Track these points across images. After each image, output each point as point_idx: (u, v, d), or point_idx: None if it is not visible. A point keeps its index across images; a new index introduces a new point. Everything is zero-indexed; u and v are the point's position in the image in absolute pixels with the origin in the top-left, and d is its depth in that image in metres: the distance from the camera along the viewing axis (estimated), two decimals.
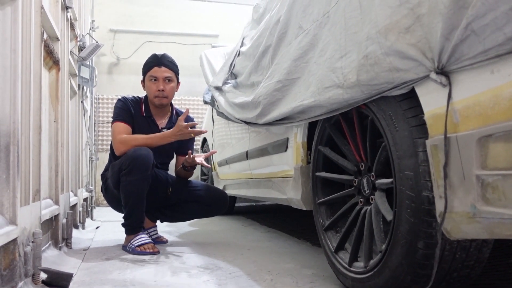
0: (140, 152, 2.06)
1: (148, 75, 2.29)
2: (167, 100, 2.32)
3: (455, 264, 1.03)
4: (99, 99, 5.32)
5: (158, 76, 2.27)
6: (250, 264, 1.78)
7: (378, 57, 1.02)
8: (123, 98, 2.32)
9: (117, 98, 2.35)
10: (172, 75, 2.31)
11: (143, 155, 2.05)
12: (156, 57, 2.31)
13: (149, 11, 5.64)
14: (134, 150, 2.08)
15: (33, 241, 1.36)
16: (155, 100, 2.29)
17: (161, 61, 2.29)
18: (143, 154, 2.05)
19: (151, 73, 2.28)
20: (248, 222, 3.34)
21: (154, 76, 2.27)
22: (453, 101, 0.87)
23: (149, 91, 2.30)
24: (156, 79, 2.27)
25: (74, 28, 2.71)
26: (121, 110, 2.26)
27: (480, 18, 0.75)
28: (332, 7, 1.32)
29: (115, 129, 2.21)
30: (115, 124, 2.23)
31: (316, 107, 1.37)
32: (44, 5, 1.66)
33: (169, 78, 2.29)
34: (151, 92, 2.29)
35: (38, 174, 1.55)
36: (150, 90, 2.29)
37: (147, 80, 2.30)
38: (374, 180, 1.26)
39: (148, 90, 2.30)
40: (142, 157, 2.05)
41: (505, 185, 0.77)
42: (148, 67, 2.30)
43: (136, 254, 2.02)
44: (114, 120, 2.25)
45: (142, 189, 2.08)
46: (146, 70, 2.32)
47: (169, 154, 2.47)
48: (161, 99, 2.28)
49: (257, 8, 2.54)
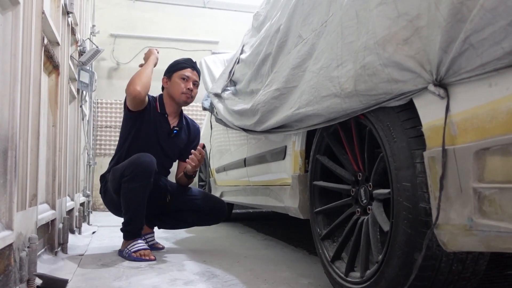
0: (144, 159, 2.06)
1: (179, 73, 2.39)
2: (191, 100, 2.42)
3: (451, 276, 1.03)
4: (99, 103, 5.33)
5: (190, 77, 2.40)
6: (247, 272, 1.77)
7: (376, 67, 1.03)
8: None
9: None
10: (198, 82, 2.47)
11: (146, 162, 2.05)
12: (191, 61, 2.47)
13: (149, 17, 5.66)
14: (137, 157, 2.08)
15: (29, 247, 1.35)
16: (181, 96, 2.37)
17: (195, 66, 2.46)
18: (146, 161, 2.05)
19: (184, 72, 2.39)
20: (245, 229, 3.33)
21: (187, 76, 2.39)
22: (451, 113, 0.87)
23: (177, 87, 2.37)
24: (187, 79, 2.38)
25: (74, 33, 2.72)
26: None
27: (478, 32, 0.76)
28: (330, 16, 1.33)
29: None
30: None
31: (314, 116, 1.37)
32: (46, 10, 1.66)
33: (196, 83, 2.44)
34: (179, 89, 2.36)
35: (35, 179, 1.55)
36: (178, 86, 2.37)
37: (177, 78, 2.38)
38: (371, 190, 1.26)
39: (176, 86, 2.37)
40: (145, 164, 2.05)
41: (502, 198, 0.77)
42: (180, 66, 2.41)
43: (132, 260, 2.01)
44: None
45: (143, 196, 2.07)
46: (177, 69, 2.41)
47: (171, 160, 2.49)
48: (187, 97, 2.37)
49: (258, 16, 2.55)
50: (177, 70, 2.39)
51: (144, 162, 2.05)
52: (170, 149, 2.32)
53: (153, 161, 2.08)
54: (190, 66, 2.41)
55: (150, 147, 2.27)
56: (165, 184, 2.38)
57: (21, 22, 1.28)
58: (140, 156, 2.08)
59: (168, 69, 2.44)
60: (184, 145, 2.46)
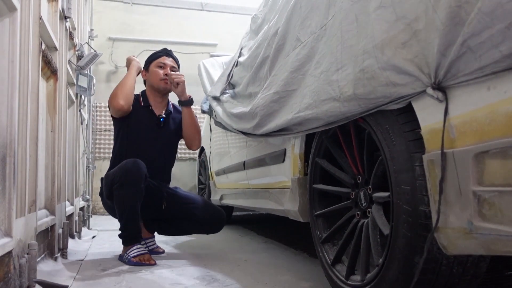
0: (132, 165, 2.05)
1: (155, 62, 2.41)
2: (170, 86, 2.39)
3: (452, 279, 1.03)
4: (97, 107, 5.32)
5: (166, 63, 2.41)
6: (247, 276, 1.77)
7: (375, 71, 1.03)
8: None
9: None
10: (177, 68, 2.47)
11: (135, 168, 2.04)
12: (166, 49, 2.49)
13: (147, 20, 5.66)
14: (125, 162, 2.08)
15: (28, 253, 1.35)
16: (160, 83, 2.37)
17: (170, 53, 2.47)
18: (134, 168, 2.05)
19: (159, 60, 2.41)
20: (245, 232, 3.33)
21: (163, 63, 2.41)
22: (450, 116, 0.87)
23: (154, 76, 2.38)
24: (164, 66, 2.40)
25: (72, 37, 2.72)
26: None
27: (476, 36, 0.76)
28: (329, 20, 1.33)
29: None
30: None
31: (313, 120, 1.37)
32: (43, 16, 1.66)
33: (174, 69, 2.44)
34: (157, 77, 2.38)
35: (34, 185, 1.55)
36: (156, 74, 2.38)
37: (154, 67, 2.40)
38: (371, 193, 1.26)
39: (154, 75, 2.39)
40: (133, 171, 2.04)
41: (502, 201, 0.77)
42: (156, 56, 2.44)
43: (133, 265, 2.00)
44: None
45: (135, 202, 2.06)
46: (153, 59, 2.43)
47: (172, 147, 2.47)
48: (166, 83, 2.37)
49: (256, 18, 2.55)
50: (153, 60, 2.42)
51: (133, 168, 2.04)
52: (165, 137, 2.33)
53: (142, 167, 2.06)
54: (164, 54, 2.43)
55: (143, 142, 2.29)
56: (161, 191, 2.35)
57: (18, 28, 1.28)
58: (128, 162, 2.07)
59: (145, 62, 2.47)
60: (178, 123, 2.46)
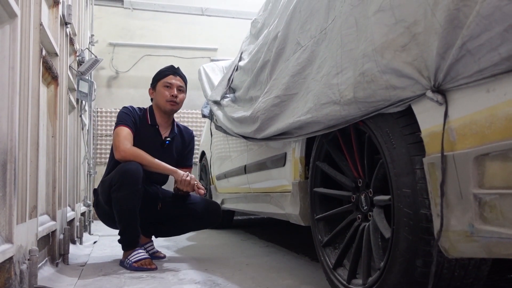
0: (130, 167, 2.05)
1: (162, 81, 2.35)
2: (177, 107, 2.37)
3: (453, 283, 1.03)
4: (98, 112, 5.33)
5: (172, 83, 2.35)
6: (248, 280, 1.77)
7: (375, 74, 1.03)
8: (129, 106, 2.36)
9: (123, 106, 2.37)
10: (184, 87, 2.41)
11: (133, 170, 2.04)
12: (173, 67, 2.42)
13: (148, 25, 5.68)
14: (123, 165, 2.08)
15: (29, 259, 1.35)
16: (166, 104, 2.32)
17: (177, 71, 2.40)
18: (132, 169, 2.05)
19: (166, 80, 2.35)
20: (246, 236, 3.32)
21: (169, 83, 2.34)
22: (450, 119, 0.87)
23: (161, 96, 2.34)
24: (170, 86, 2.34)
25: (73, 43, 2.73)
26: (126, 115, 2.28)
27: (475, 38, 0.76)
28: (329, 24, 1.34)
29: (120, 132, 2.21)
30: (119, 127, 2.23)
31: (313, 123, 1.37)
32: (44, 22, 1.67)
33: (181, 88, 2.38)
34: (163, 97, 2.33)
35: (35, 191, 1.55)
36: (162, 95, 2.33)
37: (160, 86, 2.35)
38: (372, 197, 1.26)
39: (160, 95, 2.34)
40: (131, 172, 2.04)
41: (503, 204, 0.77)
42: (163, 75, 2.38)
43: (134, 270, 2.00)
44: (118, 124, 2.25)
45: (134, 203, 2.06)
46: (159, 77, 2.38)
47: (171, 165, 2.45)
48: (173, 105, 2.33)
49: (255, 23, 2.56)
50: (160, 79, 2.36)
51: (130, 170, 2.04)
52: (164, 160, 2.29)
53: (139, 168, 2.07)
54: (171, 73, 2.37)
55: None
56: (156, 192, 2.36)
57: (19, 34, 1.28)
58: (125, 165, 2.07)
59: (152, 80, 2.42)
60: (179, 152, 2.45)
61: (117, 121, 2.27)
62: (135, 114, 2.31)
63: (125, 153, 2.13)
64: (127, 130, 2.22)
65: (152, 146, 2.26)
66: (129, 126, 2.24)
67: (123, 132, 2.20)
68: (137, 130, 2.28)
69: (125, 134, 2.19)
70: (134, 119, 2.29)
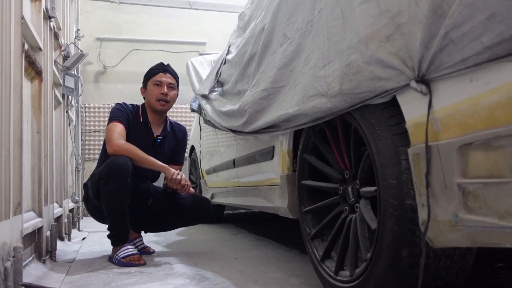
0: (118, 161, 2.04)
1: (152, 79, 2.33)
2: (168, 106, 2.34)
3: (440, 272, 1.03)
4: (86, 108, 5.28)
5: (162, 81, 2.32)
6: (237, 274, 1.76)
7: (360, 66, 1.02)
8: (122, 103, 2.35)
9: (116, 103, 2.35)
10: (175, 83, 2.38)
11: (121, 163, 2.03)
12: (162, 64, 2.39)
13: (135, 19, 5.63)
14: (112, 159, 2.06)
15: (14, 256, 1.33)
16: (157, 104, 2.30)
17: (167, 68, 2.37)
18: (121, 163, 2.03)
19: (156, 78, 2.32)
20: (237, 230, 3.32)
21: (159, 81, 2.32)
22: (434, 109, 0.87)
23: (151, 95, 2.31)
24: (160, 84, 2.32)
25: (58, 37, 2.68)
26: (119, 111, 2.27)
27: (458, 28, 0.76)
28: (315, 16, 1.33)
29: (113, 128, 2.19)
30: (112, 123, 2.21)
31: (300, 116, 1.37)
32: (25, 16, 1.64)
33: (172, 85, 2.35)
34: (153, 96, 2.30)
35: (19, 187, 1.52)
36: (152, 94, 2.31)
37: (151, 85, 2.33)
38: (359, 188, 1.26)
39: (151, 94, 2.32)
40: (120, 166, 2.03)
41: (486, 193, 0.77)
42: (153, 73, 2.35)
43: (122, 265, 1.99)
44: (111, 119, 2.23)
45: (123, 198, 2.04)
46: (150, 76, 2.35)
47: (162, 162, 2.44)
48: (163, 104, 2.31)
49: (243, 16, 2.54)
50: (150, 77, 2.34)
51: (119, 164, 2.03)
52: (157, 155, 2.26)
53: (129, 162, 2.06)
54: (161, 70, 2.34)
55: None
56: (146, 187, 2.35)
57: None
58: (114, 159, 2.06)
59: (143, 79, 2.39)
60: (172, 149, 2.43)
61: (111, 116, 2.25)
62: (128, 111, 2.30)
63: (118, 148, 2.11)
64: (120, 125, 2.21)
65: (143, 144, 2.23)
66: (123, 122, 2.23)
67: (117, 127, 2.19)
68: (129, 127, 2.26)
69: (118, 130, 2.18)
70: (127, 115, 2.28)
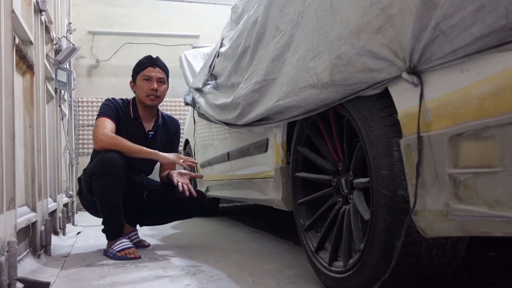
0: (110, 156, 2.03)
1: (141, 74, 2.28)
2: (158, 101, 2.30)
3: (431, 262, 1.04)
4: (79, 102, 5.25)
5: (152, 76, 2.27)
6: (232, 266, 1.77)
7: (351, 57, 1.03)
8: (111, 98, 2.31)
9: (105, 99, 2.32)
10: (165, 77, 2.33)
11: (113, 158, 2.02)
12: (151, 58, 2.32)
13: (128, 12, 5.58)
14: (103, 154, 2.05)
15: (8, 251, 1.33)
16: (146, 99, 2.26)
17: (156, 62, 2.31)
18: (113, 157, 2.02)
19: (144, 73, 2.27)
20: (232, 223, 3.33)
21: (148, 76, 2.26)
22: (425, 100, 0.87)
23: (140, 90, 2.27)
24: (149, 79, 2.27)
25: (49, 31, 2.66)
26: (108, 107, 2.23)
27: (448, 19, 0.76)
28: (306, 7, 1.33)
29: (99, 124, 2.16)
30: (99, 119, 2.18)
31: (293, 108, 1.37)
32: (16, 9, 1.62)
33: (162, 79, 2.30)
34: (143, 91, 2.26)
35: (12, 182, 1.52)
36: (142, 89, 2.27)
37: (140, 80, 2.28)
38: (352, 180, 1.27)
39: (140, 89, 2.27)
40: (112, 160, 2.02)
41: (477, 183, 0.78)
42: (141, 67, 2.29)
43: (117, 259, 1.99)
44: (99, 115, 2.21)
45: (115, 192, 2.04)
46: (138, 70, 2.30)
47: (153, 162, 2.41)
48: (153, 99, 2.27)
49: (236, 8, 2.53)
50: (139, 72, 2.29)
51: (111, 158, 2.02)
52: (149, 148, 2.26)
53: (120, 157, 2.04)
54: (150, 64, 2.28)
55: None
56: (141, 181, 2.34)
57: None
58: (106, 153, 2.04)
59: (132, 72, 2.34)
60: (164, 143, 2.42)
61: (99, 112, 2.22)
62: (117, 107, 2.26)
63: (103, 142, 2.08)
64: (108, 120, 2.18)
65: (135, 140, 2.21)
66: (111, 117, 2.19)
67: (103, 123, 2.16)
68: (119, 123, 2.23)
69: (105, 125, 2.15)
70: (117, 111, 2.25)
